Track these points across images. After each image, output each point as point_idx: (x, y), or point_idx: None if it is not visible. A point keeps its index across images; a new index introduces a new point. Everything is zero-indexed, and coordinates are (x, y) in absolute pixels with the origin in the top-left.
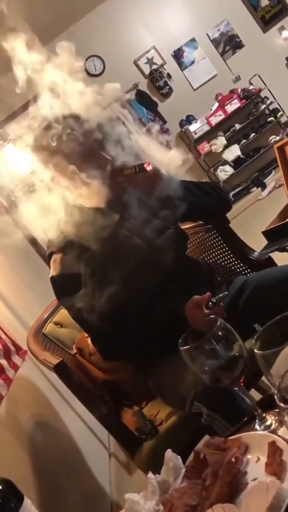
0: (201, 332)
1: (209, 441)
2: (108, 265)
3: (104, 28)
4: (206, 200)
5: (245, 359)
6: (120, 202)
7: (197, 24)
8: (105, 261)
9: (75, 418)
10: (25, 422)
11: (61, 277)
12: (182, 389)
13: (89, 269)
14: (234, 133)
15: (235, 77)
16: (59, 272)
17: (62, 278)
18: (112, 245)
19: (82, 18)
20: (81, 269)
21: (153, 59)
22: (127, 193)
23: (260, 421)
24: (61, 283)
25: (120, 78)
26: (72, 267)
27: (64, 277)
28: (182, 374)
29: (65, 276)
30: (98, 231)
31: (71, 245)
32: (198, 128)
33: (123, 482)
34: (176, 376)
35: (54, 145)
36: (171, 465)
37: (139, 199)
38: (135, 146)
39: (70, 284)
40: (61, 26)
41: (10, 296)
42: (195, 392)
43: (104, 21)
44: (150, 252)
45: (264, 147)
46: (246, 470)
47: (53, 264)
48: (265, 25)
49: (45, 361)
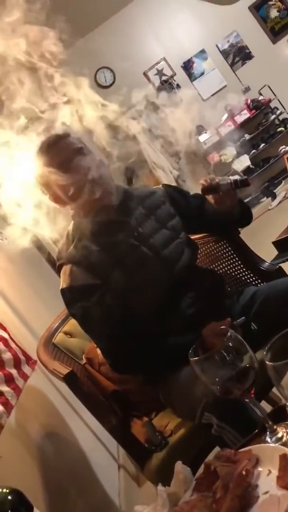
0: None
1: (220, 453)
2: (119, 277)
3: (114, 40)
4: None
5: (255, 371)
6: (130, 213)
7: (207, 35)
8: (116, 272)
9: (84, 428)
10: (34, 431)
11: (71, 289)
12: (192, 400)
13: (99, 280)
14: (243, 143)
15: (244, 87)
16: (68, 284)
17: (72, 290)
18: (123, 256)
19: (93, 30)
20: (91, 281)
21: (163, 70)
22: (138, 204)
23: (271, 433)
24: (71, 295)
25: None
26: (81, 279)
27: (73, 288)
28: (192, 385)
29: (74, 288)
30: (108, 241)
31: (81, 256)
32: (208, 138)
33: (132, 494)
34: (186, 387)
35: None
36: (181, 477)
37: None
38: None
39: (80, 295)
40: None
41: (20, 305)
42: (205, 402)
43: (115, 33)
44: (160, 262)
45: (274, 157)
46: (257, 483)
47: (63, 275)
48: (274, 37)
49: (55, 371)
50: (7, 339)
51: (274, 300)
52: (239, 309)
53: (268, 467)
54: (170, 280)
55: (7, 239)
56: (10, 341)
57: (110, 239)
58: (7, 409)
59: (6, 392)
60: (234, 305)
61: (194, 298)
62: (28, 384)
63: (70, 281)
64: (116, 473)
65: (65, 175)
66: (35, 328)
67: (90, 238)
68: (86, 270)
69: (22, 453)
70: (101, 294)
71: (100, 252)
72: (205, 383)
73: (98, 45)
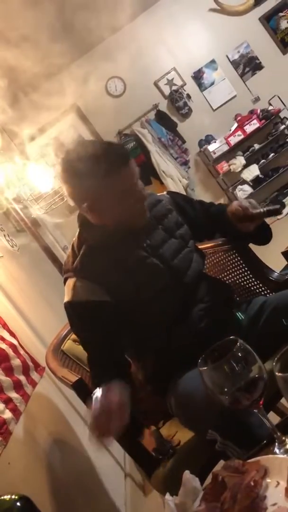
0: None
1: (228, 463)
2: (128, 290)
3: (125, 50)
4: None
5: (265, 381)
6: (140, 225)
7: (217, 46)
8: (124, 285)
9: None
10: (42, 438)
11: (73, 305)
12: (197, 416)
13: (106, 296)
14: (253, 153)
15: (254, 98)
16: (71, 298)
17: (74, 306)
18: (132, 269)
19: (105, 40)
20: (96, 297)
21: (173, 80)
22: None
23: (279, 445)
24: (73, 311)
25: (141, 99)
26: (85, 294)
27: (76, 304)
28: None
29: (77, 304)
30: (118, 253)
31: (86, 270)
32: (217, 148)
33: (138, 503)
34: (193, 401)
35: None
36: (189, 487)
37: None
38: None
39: (83, 312)
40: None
41: (30, 312)
42: (209, 419)
43: (126, 43)
44: (170, 273)
45: (283, 167)
46: (265, 495)
47: (66, 289)
48: (284, 47)
49: (64, 378)
50: (16, 346)
51: (283, 310)
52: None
53: (276, 478)
54: (180, 291)
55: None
56: (19, 348)
57: (120, 251)
58: (15, 415)
59: (14, 399)
60: (242, 315)
61: (204, 311)
62: (36, 391)
63: (73, 296)
64: (122, 482)
65: (128, 200)
66: (44, 335)
67: (98, 250)
68: (92, 284)
69: (30, 459)
70: (106, 312)
71: (108, 265)
72: (214, 393)
73: (110, 54)
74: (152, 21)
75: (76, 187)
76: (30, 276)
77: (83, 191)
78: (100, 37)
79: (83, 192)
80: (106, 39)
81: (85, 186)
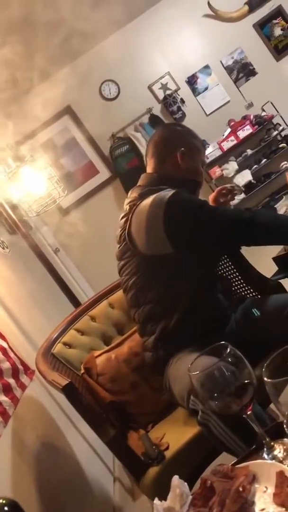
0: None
1: (217, 468)
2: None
3: (120, 54)
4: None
5: (254, 386)
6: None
7: (211, 51)
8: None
9: (80, 440)
10: (31, 442)
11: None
12: (184, 384)
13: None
14: (245, 158)
15: (247, 103)
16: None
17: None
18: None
19: (99, 44)
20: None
21: (167, 84)
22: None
23: (268, 450)
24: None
25: (134, 103)
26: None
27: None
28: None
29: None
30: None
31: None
32: (210, 152)
33: (127, 507)
34: (183, 373)
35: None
36: (178, 492)
37: None
38: None
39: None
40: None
41: (20, 315)
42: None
43: (120, 47)
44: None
45: (275, 172)
46: (253, 500)
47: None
48: (278, 54)
49: (54, 381)
50: (5, 349)
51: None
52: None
53: (264, 484)
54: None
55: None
56: (9, 351)
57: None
58: (4, 419)
59: (3, 402)
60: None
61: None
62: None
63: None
64: (111, 486)
65: (201, 169)
66: (34, 338)
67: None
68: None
69: (18, 463)
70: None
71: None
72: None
73: (104, 58)
74: (146, 25)
75: (182, 135)
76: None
77: (187, 139)
78: (94, 40)
79: (186, 140)
80: (100, 42)
81: (188, 137)
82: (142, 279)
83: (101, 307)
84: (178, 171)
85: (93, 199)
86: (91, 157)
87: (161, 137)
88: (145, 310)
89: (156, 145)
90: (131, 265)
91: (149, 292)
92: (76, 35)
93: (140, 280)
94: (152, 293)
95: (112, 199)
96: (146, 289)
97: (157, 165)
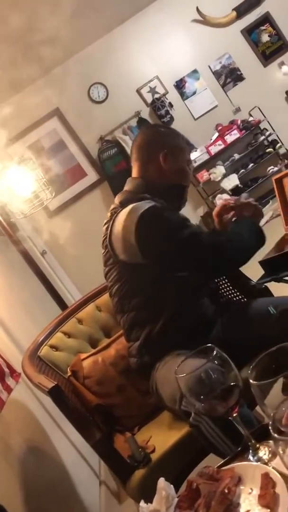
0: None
1: (202, 470)
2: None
3: (109, 57)
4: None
5: (240, 389)
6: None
7: (200, 56)
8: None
9: (66, 443)
10: (16, 445)
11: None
12: (174, 386)
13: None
14: (233, 162)
15: (235, 108)
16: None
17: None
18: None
19: (88, 46)
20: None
21: (156, 88)
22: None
23: (253, 452)
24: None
25: (123, 106)
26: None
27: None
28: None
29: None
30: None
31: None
32: (198, 156)
33: (113, 510)
34: (171, 375)
35: None
36: (164, 494)
37: None
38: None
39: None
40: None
41: (6, 317)
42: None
43: (110, 50)
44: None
45: (262, 177)
46: (239, 502)
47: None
48: (265, 60)
49: (40, 384)
50: None
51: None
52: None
53: (250, 485)
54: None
55: None
56: None
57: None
58: None
59: None
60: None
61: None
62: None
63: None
64: (97, 489)
65: (187, 168)
66: (20, 341)
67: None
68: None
69: (3, 466)
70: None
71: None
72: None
73: (93, 61)
74: (135, 29)
75: (164, 136)
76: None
77: (168, 140)
78: (83, 43)
79: (168, 141)
80: (89, 45)
81: (170, 138)
82: (125, 285)
83: (88, 310)
84: (162, 175)
85: (81, 202)
86: (79, 159)
87: (144, 139)
88: (130, 316)
89: (139, 149)
90: (114, 272)
91: (133, 299)
92: (64, 38)
93: (123, 287)
94: (136, 299)
95: (100, 202)
96: (130, 295)
97: (141, 169)
